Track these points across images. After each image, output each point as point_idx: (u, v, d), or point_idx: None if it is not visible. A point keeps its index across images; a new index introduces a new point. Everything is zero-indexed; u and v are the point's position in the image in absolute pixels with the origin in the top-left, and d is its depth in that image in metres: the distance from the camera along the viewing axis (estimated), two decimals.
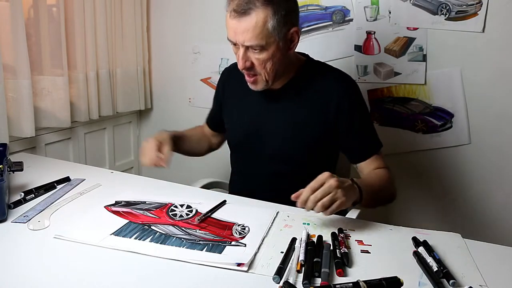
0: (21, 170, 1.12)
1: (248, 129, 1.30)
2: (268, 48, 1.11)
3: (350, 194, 0.97)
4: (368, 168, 1.23)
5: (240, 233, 0.94)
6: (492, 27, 1.59)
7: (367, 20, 1.76)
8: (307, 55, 1.31)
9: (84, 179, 1.24)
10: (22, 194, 1.07)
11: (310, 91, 1.22)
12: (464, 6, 1.61)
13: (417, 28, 1.70)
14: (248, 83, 1.20)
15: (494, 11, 1.57)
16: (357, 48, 1.79)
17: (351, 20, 1.78)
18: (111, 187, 1.18)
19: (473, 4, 1.60)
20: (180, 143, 1.33)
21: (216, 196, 1.16)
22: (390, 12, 1.72)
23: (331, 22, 1.81)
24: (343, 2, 1.77)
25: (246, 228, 0.96)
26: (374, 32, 1.76)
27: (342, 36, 1.80)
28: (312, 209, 0.93)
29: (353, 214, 1.26)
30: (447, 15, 1.64)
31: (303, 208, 0.94)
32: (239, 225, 0.98)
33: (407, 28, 1.71)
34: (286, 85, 1.24)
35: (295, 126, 1.23)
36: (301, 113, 1.23)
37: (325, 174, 0.95)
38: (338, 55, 1.81)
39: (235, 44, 1.13)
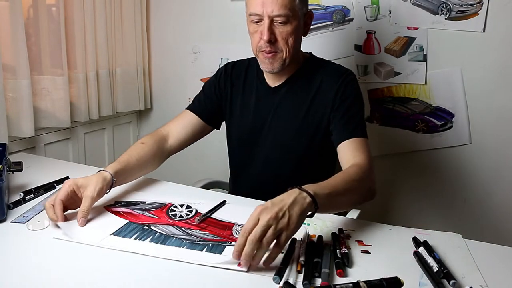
0: (21, 170, 1.12)
1: (252, 127, 1.30)
2: (293, 22, 1.14)
3: (298, 213, 0.81)
4: (345, 153, 1.15)
5: None
6: (492, 27, 1.59)
7: (367, 20, 1.76)
8: (311, 53, 1.34)
9: None
10: (22, 194, 1.07)
11: (312, 86, 1.24)
12: (465, 6, 1.61)
13: (417, 28, 1.69)
14: (264, 64, 1.20)
15: (494, 11, 1.57)
16: (357, 48, 1.79)
17: (351, 20, 1.78)
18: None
19: (474, 4, 1.60)
20: (123, 178, 1.11)
21: (216, 196, 1.16)
22: (390, 12, 1.72)
23: (331, 22, 1.81)
24: (343, 2, 1.77)
25: None
26: (374, 32, 1.76)
27: (342, 36, 1.80)
28: (257, 258, 0.79)
29: (353, 214, 1.26)
30: (447, 15, 1.64)
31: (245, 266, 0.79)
32: (239, 225, 0.98)
33: (408, 28, 1.71)
34: (289, 78, 1.26)
35: (298, 122, 1.24)
36: (302, 110, 1.24)
37: (257, 209, 0.81)
38: (338, 55, 1.81)
39: (257, 20, 1.15)
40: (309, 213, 0.85)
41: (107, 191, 1.03)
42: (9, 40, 1.51)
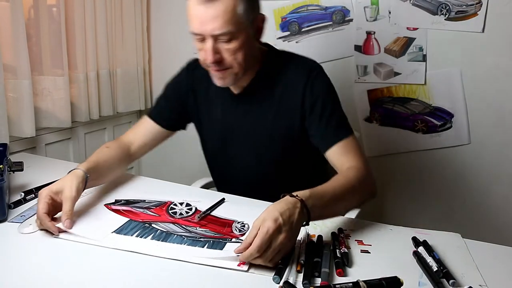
0: (21, 170, 1.13)
1: (223, 137, 1.24)
2: (239, 36, 1.03)
3: (293, 226, 0.82)
4: (337, 159, 1.10)
5: (240, 230, 0.94)
6: (492, 27, 1.59)
7: (367, 20, 1.76)
8: (268, 44, 1.22)
9: None
10: (22, 194, 1.07)
11: (277, 87, 1.16)
12: (464, 6, 1.61)
13: (417, 28, 1.70)
14: (215, 79, 1.11)
15: (494, 11, 1.58)
16: (357, 48, 1.79)
17: (351, 20, 1.78)
18: (111, 187, 1.18)
19: (473, 4, 1.60)
20: (96, 176, 1.08)
21: (215, 195, 1.16)
22: (390, 12, 1.72)
23: (331, 22, 1.81)
24: (343, 2, 1.78)
25: (246, 226, 0.96)
26: (374, 32, 1.76)
27: (342, 36, 1.80)
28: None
29: (352, 214, 1.26)
30: (447, 15, 1.64)
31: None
32: (238, 222, 0.98)
33: (407, 28, 1.71)
34: (252, 82, 1.17)
35: (268, 127, 1.18)
36: (271, 113, 1.17)
37: (256, 223, 0.80)
38: (338, 55, 1.81)
39: (201, 39, 1.04)
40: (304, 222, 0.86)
41: (84, 189, 1.00)
42: (10, 41, 1.51)
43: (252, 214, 0.98)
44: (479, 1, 1.59)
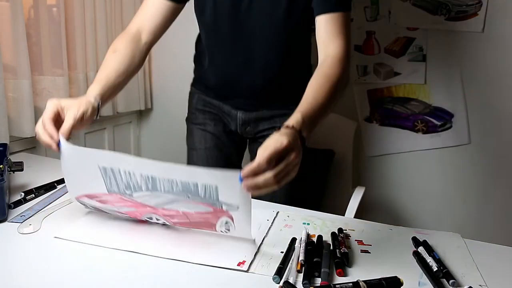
0: (22, 170, 1.12)
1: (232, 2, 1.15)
2: None
3: (300, 152, 0.80)
4: (325, 33, 1.07)
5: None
6: (491, 27, 1.59)
7: (367, 20, 1.76)
8: None
9: None
10: (23, 194, 1.07)
11: None
12: (464, 6, 1.61)
13: (417, 28, 1.70)
14: None
15: (493, 11, 1.58)
16: (357, 48, 1.79)
17: (351, 20, 1.78)
18: None
19: (473, 4, 1.60)
20: (108, 95, 1.04)
21: None
22: (390, 12, 1.72)
23: None
24: None
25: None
26: (374, 32, 1.76)
27: None
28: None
29: (353, 214, 1.26)
30: (447, 15, 1.64)
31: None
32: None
33: (407, 28, 1.71)
34: None
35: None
36: None
37: (281, 145, 0.76)
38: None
39: None
40: None
41: (96, 118, 0.96)
42: (10, 40, 1.51)
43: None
44: (479, 1, 1.59)
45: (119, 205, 0.91)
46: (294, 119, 0.85)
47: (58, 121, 0.91)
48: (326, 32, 1.08)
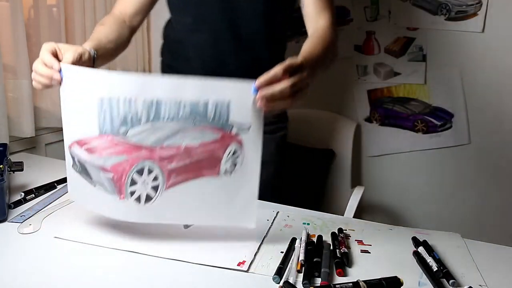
0: (21, 170, 1.13)
1: None
2: None
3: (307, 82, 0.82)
4: (311, 9, 1.12)
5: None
6: (491, 27, 1.59)
7: (367, 20, 1.76)
8: None
9: None
10: (23, 194, 1.07)
11: None
12: (464, 6, 1.61)
13: (417, 28, 1.70)
14: None
15: (493, 11, 1.58)
16: (357, 48, 1.80)
17: (351, 20, 1.78)
18: None
19: (473, 4, 1.60)
20: (101, 53, 1.02)
21: None
22: (390, 12, 1.72)
23: None
24: (343, 2, 1.78)
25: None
26: (374, 32, 1.76)
27: (342, 36, 1.80)
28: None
29: (351, 213, 1.26)
30: (447, 15, 1.64)
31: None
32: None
33: (407, 28, 1.71)
34: None
35: None
36: None
37: (296, 61, 0.79)
38: (338, 55, 1.81)
39: None
40: None
41: (93, 66, 0.94)
42: (9, 40, 1.51)
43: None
44: (479, 1, 1.59)
45: (108, 152, 0.82)
46: (298, 58, 0.84)
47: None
48: (315, 7, 1.12)
